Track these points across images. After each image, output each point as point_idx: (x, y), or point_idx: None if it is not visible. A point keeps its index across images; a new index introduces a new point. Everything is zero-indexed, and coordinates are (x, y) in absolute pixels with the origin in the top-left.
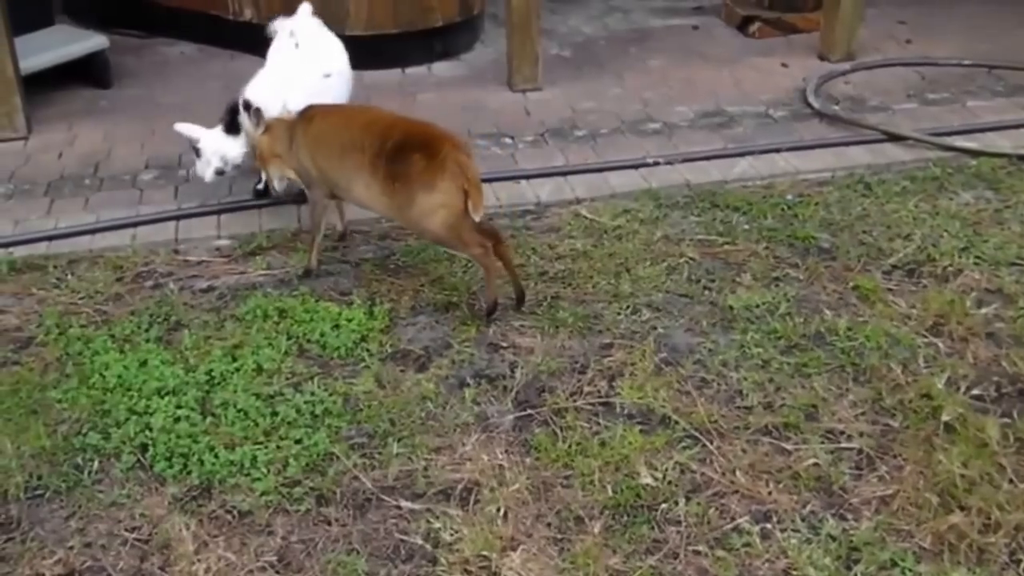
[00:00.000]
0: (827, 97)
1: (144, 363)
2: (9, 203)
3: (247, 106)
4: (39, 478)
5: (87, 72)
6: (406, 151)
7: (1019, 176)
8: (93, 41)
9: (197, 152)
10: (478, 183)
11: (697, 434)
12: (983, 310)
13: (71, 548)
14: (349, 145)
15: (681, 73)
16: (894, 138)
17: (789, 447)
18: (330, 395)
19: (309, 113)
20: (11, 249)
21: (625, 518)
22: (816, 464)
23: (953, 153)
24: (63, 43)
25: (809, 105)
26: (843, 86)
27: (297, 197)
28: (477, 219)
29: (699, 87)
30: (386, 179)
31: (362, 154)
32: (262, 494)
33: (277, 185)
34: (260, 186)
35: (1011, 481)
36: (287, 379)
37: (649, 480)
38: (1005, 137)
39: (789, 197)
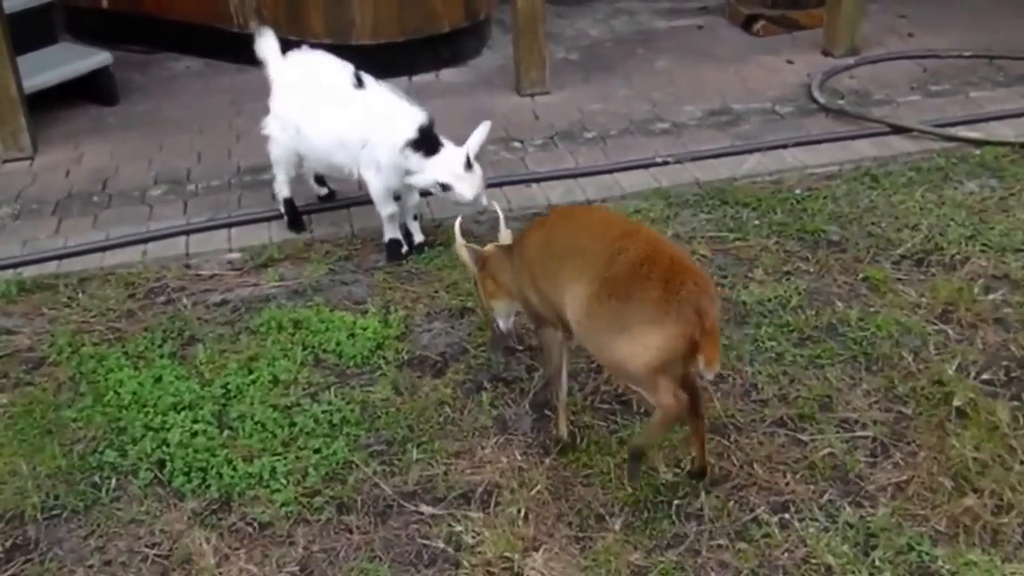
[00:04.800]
0: (832, 92)
1: (159, 379)
2: (17, 223)
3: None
4: (56, 498)
5: (92, 89)
6: (641, 272)
7: (1022, 164)
8: (97, 58)
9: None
10: (716, 335)
11: (714, 428)
12: (991, 296)
13: (91, 567)
14: (572, 251)
15: (688, 73)
16: (899, 130)
17: (805, 438)
18: (347, 404)
19: (527, 229)
20: (20, 269)
21: (645, 514)
22: (832, 453)
23: (957, 143)
24: (67, 61)
25: (814, 100)
26: (847, 81)
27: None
28: (711, 376)
29: (706, 86)
30: (599, 292)
31: (583, 262)
32: (282, 505)
33: (503, 324)
34: (324, 192)
35: (1022, 463)
36: (304, 389)
37: (668, 476)
38: (1008, 126)
39: (798, 191)
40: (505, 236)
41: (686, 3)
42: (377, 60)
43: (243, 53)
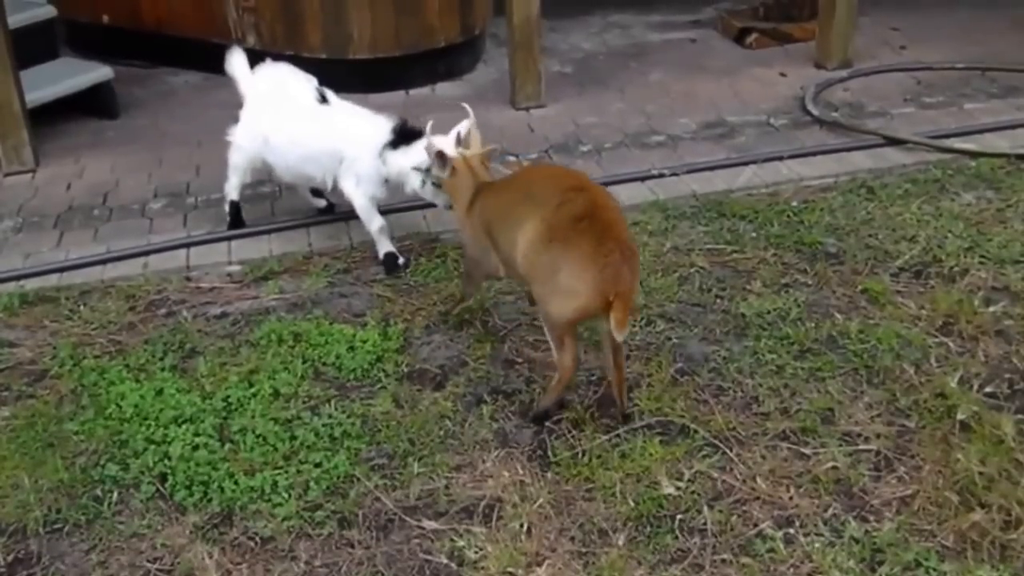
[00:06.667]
0: (826, 104)
1: (160, 392)
2: (19, 236)
3: (441, 156)
4: (58, 511)
5: (93, 103)
6: (580, 226)
7: (1018, 175)
8: (98, 72)
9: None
10: (628, 301)
11: (716, 442)
12: (991, 308)
13: None
14: (526, 197)
15: (682, 85)
16: (894, 142)
17: (807, 451)
18: (348, 417)
19: (490, 186)
20: (22, 282)
21: (649, 529)
22: (835, 467)
23: (952, 155)
24: (69, 75)
25: (808, 113)
26: (841, 93)
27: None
28: (619, 339)
29: (700, 99)
30: (545, 234)
31: (535, 206)
32: (284, 519)
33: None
34: (322, 204)
35: None
36: (304, 403)
37: (671, 490)
38: (1002, 137)
39: (794, 204)
40: (476, 140)
41: (679, 16)
42: (374, 74)
43: None
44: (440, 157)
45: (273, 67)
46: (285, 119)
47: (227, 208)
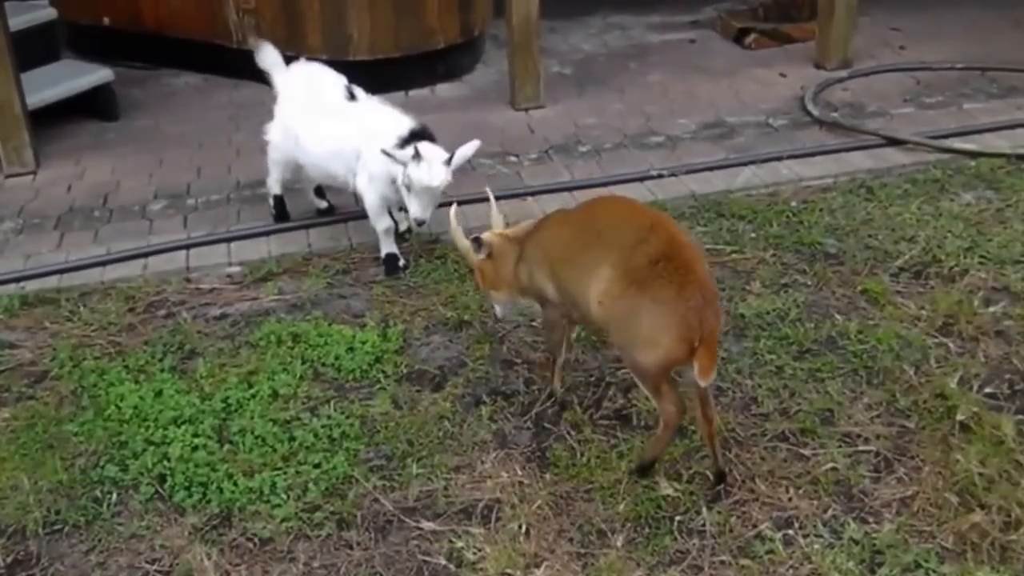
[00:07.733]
0: (825, 104)
1: (159, 393)
2: (19, 237)
3: (476, 240)
4: (57, 513)
5: (94, 105)
6: (657, 269)
7: (1018, 175)
8: (99, 74)
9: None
10: (713, 348)
11: None
12: (991, 308)
13: None
14: (597, 237)
15: (681, 86)
16: (894, 142)
17: (807, 452)
18: (347, 418)
19: (541, 222)
20: (23, 283)
21: (647, 530)
22: (834, 468)
23: (952, 155)
24: (69, 77)
25: (808, 113)
26: (841, 93)
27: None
28: (703, 385)
29: (699, 99)
30: (622, 279)
31: (607, 247)
32: (282, 520)
33: (500, 311)
34: (323, 205)
35: None
36: (303, 404)
37: (669, 491)
38: (1002, 137)
39: (793, 204)
40: (497, 220)
41: (678, 17)
42: (373, 76)
43: (241, 69)
44: (476, 241)
45: (305, 65)
46: (313, 117)
47: (271, 202)
